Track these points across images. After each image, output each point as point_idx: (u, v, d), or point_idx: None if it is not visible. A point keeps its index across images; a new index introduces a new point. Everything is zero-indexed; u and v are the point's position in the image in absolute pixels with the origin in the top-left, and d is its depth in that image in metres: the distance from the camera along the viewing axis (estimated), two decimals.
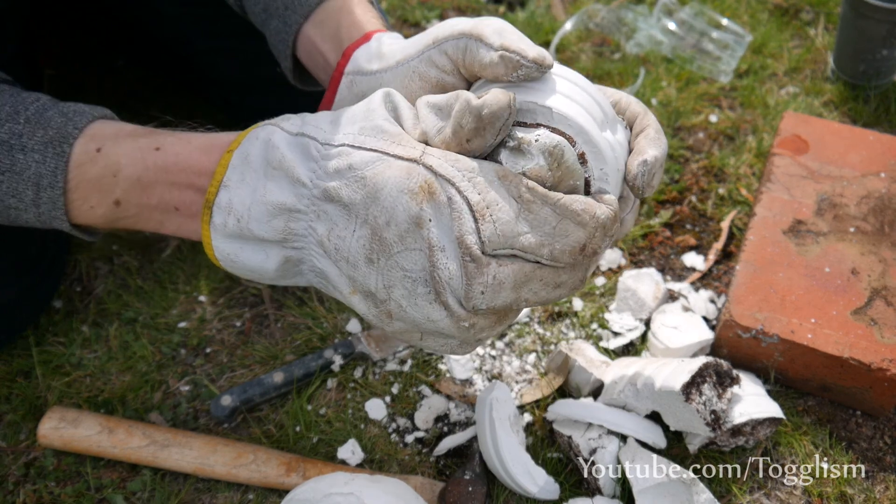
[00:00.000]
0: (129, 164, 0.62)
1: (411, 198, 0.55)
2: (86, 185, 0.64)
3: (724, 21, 1.29)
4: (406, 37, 0.78)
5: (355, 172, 0.56)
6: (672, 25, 1.28)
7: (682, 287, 0.98)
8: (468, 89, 0.63)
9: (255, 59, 1.05)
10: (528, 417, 0.87)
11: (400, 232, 0.56)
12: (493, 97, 0.53)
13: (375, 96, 0.60)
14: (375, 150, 0.56)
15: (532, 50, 0.58)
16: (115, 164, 0.63)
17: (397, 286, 0.57)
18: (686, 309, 0.93)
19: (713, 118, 1.19)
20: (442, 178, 0.54)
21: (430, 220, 0.55)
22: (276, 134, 0.59)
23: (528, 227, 0.54)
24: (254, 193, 0.59)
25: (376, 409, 0.88)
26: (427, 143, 0.56)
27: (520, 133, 0.55)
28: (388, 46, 0.68)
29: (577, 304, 0.96)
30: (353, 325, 0.95)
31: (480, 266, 0.54)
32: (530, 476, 0.78)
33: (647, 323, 0.93)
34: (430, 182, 0.55)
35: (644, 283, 0.94)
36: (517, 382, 0.90)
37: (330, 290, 0.62)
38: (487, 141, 0.54)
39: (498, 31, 0.59)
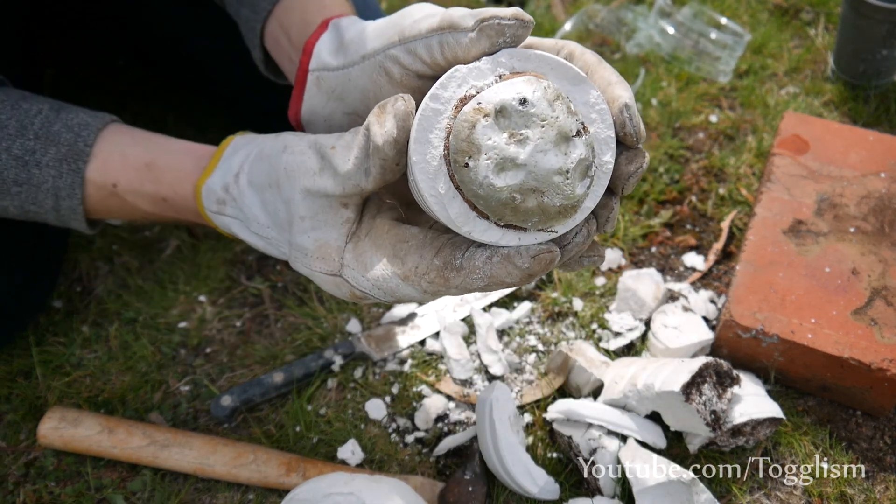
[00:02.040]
0: (144, 205, 0.71)
1: (347, 298, 0.63)
2: (106, 210, 0.72)
3: (724, 21, 1.29)
4: None
5: (308, 275, 0.63)
6: (670, 29, 1.28)
7: (682, 287, 0.97)
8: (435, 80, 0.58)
9: (249, 60, 1.04)
10: (528, 417, 0.87)
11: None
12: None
13: (281, 193, 0.61)
14: (308, 269, 0.63)
15: (508, 10, 0.56)
16: (132, 204, 0.71)
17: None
18: (686, 309, 0.93)
19: (713, 118, 1.19)
20: (358, 290, 0.61)
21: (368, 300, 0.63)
22: (233, 226, 0.65)
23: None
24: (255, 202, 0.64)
25: (376, 409, 0.88)
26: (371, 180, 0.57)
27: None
28: (350, 35, 0.65)
29: (577, 304, 0.96)
30: (354, 325, 0.95)
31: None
32: (530, 476, 0.78)
33: (647, 323, 0.93)
34: (353, 293, 0.62)
35: (644, 283, 0.94)
36: (517, 382, 0.90)
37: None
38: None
39: (467, 14, 0.57)
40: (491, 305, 0.97)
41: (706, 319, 0.93)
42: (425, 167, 0.51)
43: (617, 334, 0.93)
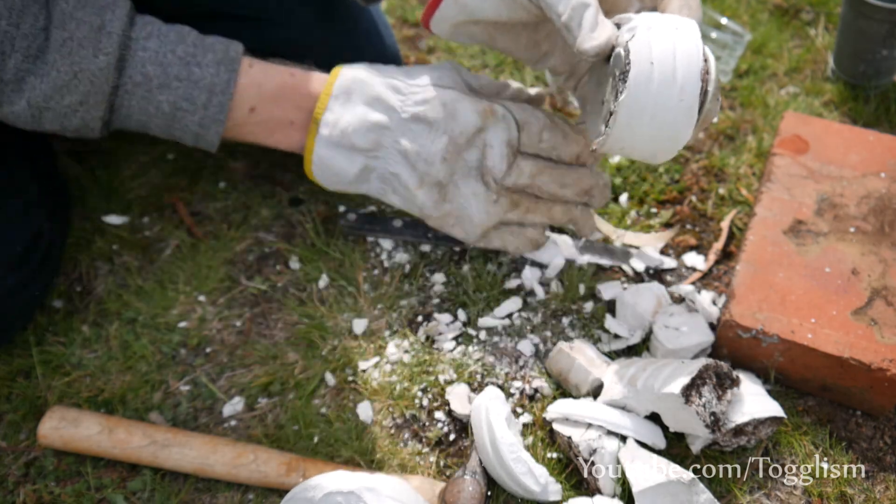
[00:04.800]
0: (268, 82, 0.86)
1: (478, 115, 0.84)
2: (240, 92, 0.85)
3: (724, 21, 1.29)
4: (407, 37, 0.83)
5: (440, 100, 0.83)
6: None
7: (684, 289, 0.97)
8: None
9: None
10: (527, 417, 0.87)
11: (467, 136, 0.84)
12: None
13: (445, 69, 0.87)
14: (454, 89, 0.85)
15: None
16: (259, 82, 0.86)
17: (459, 172, 0.86)
18: (690, 310, 0.93)
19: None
20: (500, 104, 0.85)
21: (487, 129, 0.84)
22: (371, 77, 0.86)
23: (549, 135, 0.87)
24: (356, 115, 0.84)
25: (365, 410, 0.88)
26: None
27: None
28: None
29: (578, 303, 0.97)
30: (358, 325, 0.95)
31: (515, 157, 0.86)
32: (532, 475, 0.78)
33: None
34: (492, 107, 0.84)
35: (643, 297, 0.93)
36: (513, 379, 0.90)
37: (390, 193, 0.89)
38: None
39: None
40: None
41: (707, 320, 0.93)
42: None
43: (617, 337, 0.93)
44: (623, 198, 1.08)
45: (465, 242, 0.92)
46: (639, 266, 1.00)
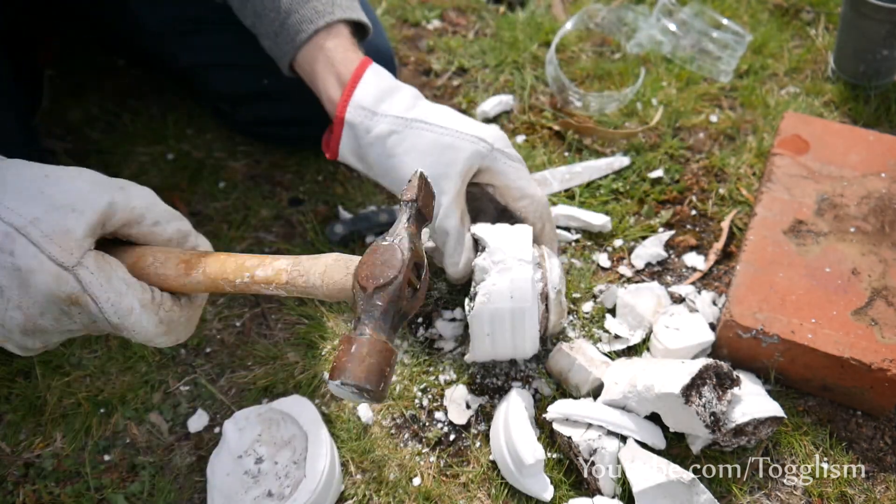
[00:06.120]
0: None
1: (58, 303, 0.59)
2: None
3: (724, 21, 1.29)
4: (406, 37, 0.80)
5: (12, 259, 0.57)
6: (672, 26, 1.28)
7: (684, 289, 0.97)
8: None
9: (241, 73, 1.04)
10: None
11: (54, 317, 0.60)
12: None
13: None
14: (34, 244, 0.57)
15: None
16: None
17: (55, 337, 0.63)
18: (691, 310, 0.93)
19: (713, 118, 1.19)
20: (89, 295, 0.59)
21: (78, 313, 0.61)
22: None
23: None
24: None
25: (365, 410, 0.88)
26: None
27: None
28: (365, 153, 0.87)
29: (577, 302, 0.96)
30: None
31: None
32: (531, 449, 0.79)
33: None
34: (76, 296, 0.59)
35: (643, 297, 0.93)
36: (513, 379, 0.90)
37: None
38: None
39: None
40: None
41: (708, 320, 0.93)
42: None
43: (617, 337, 0.93)
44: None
45: None
46: None
